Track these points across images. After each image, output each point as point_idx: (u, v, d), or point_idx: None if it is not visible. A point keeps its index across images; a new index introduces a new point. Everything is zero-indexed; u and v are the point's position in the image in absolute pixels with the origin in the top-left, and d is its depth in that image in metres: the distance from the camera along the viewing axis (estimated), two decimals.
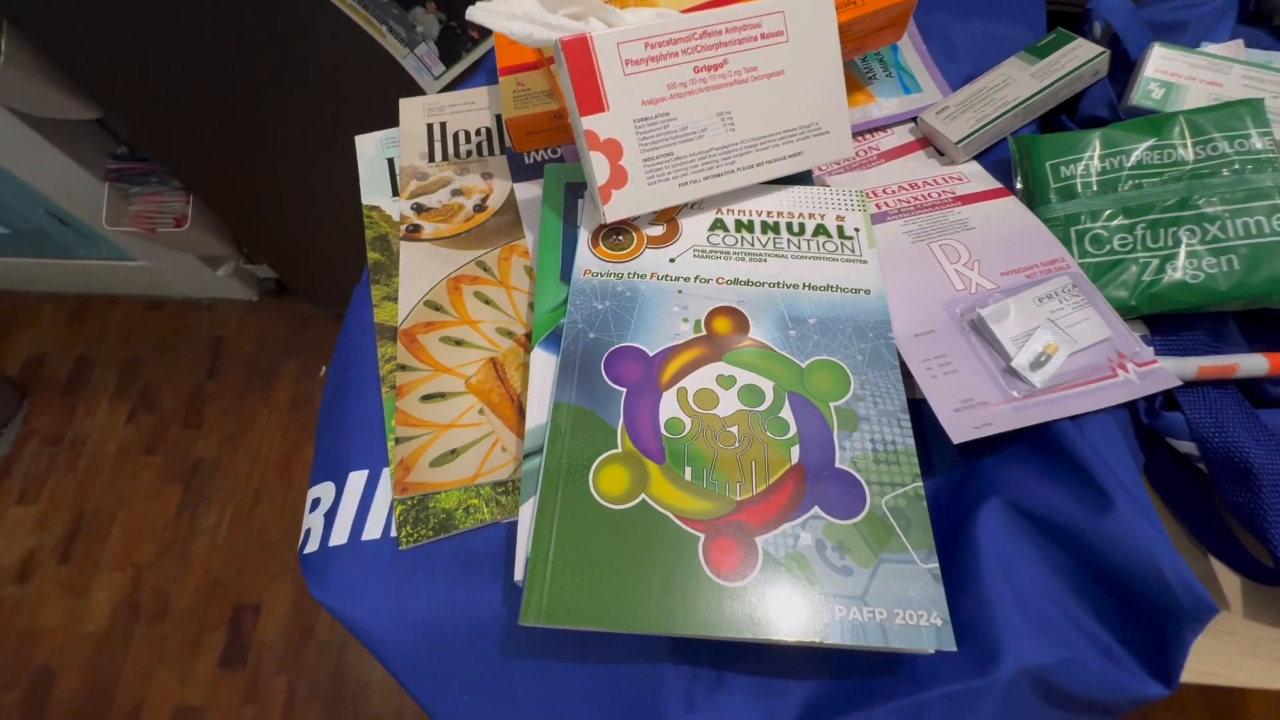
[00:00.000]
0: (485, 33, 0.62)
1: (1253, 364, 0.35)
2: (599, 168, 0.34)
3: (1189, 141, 0.37)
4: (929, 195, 0.41)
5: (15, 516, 1.18)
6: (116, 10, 0.63)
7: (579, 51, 0.33)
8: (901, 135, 0.45)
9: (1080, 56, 0.41)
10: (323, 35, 0.64)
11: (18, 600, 1.10)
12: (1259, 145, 0.36)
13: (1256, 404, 0.36)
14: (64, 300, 1.38)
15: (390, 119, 0.56)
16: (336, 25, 0.62)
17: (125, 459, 1.23)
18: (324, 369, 1.32)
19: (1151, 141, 0.37)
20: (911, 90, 0.46)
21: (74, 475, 1.21)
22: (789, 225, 0.37)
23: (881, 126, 0.45)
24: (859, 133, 0.45)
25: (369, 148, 0.47)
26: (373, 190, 0.45)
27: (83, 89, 0.76)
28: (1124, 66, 0.43)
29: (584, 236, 0.36)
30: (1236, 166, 0.36)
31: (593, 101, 0.33)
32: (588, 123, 0.33)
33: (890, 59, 0.47)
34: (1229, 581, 0.35)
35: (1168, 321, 0.37)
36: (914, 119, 0.45)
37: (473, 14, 0.37)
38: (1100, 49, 0.40)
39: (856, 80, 0.46)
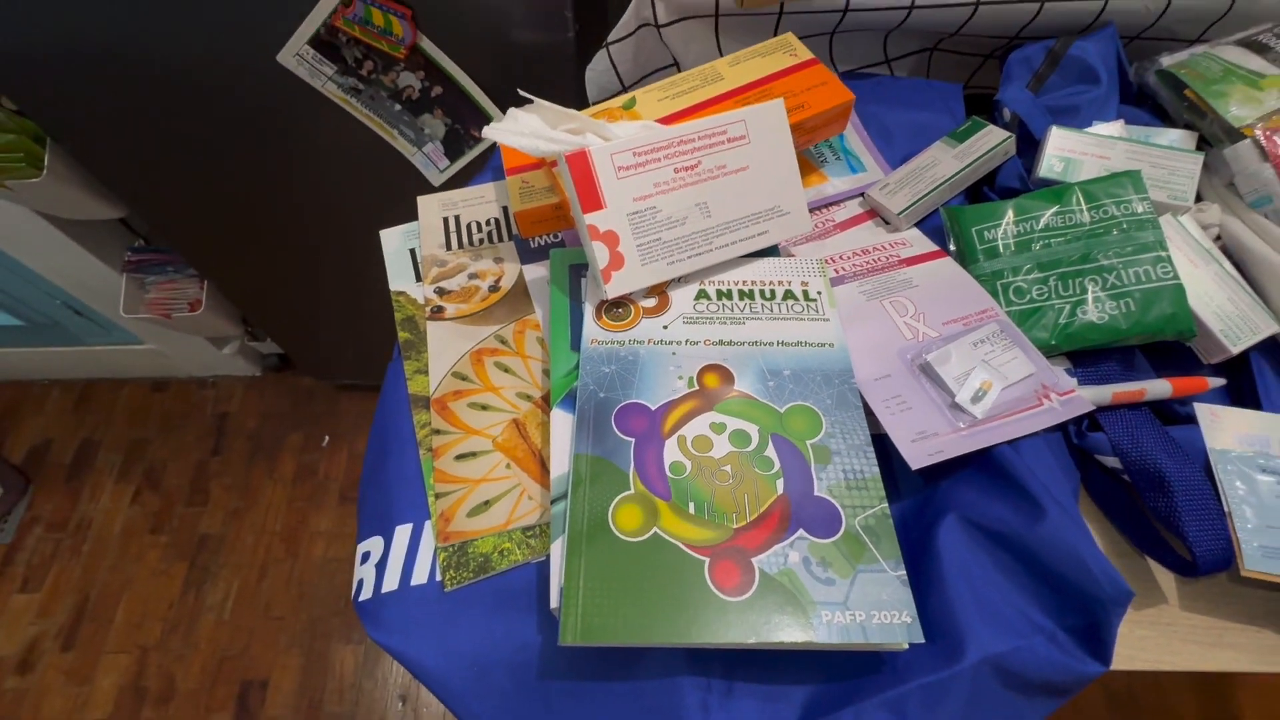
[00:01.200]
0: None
1: (1158, 388, 0.41)
2: (600, 254, 0.41)
3: (1085, 207, 0.44)
4: (878, 259, 0.48)
5: (18, 605, 1.18)
6: (147, 122, 0.70)
7: (580, 163, 0.40)
8: (852, 208, 0.53)
9: (991, 140, 0.49)
10: (340, 137, 0.72)
11: (20, 692, 1.09)
12: (1140, 208, 0.43)
13: (1166, 421, 0.42)
14: (71, 385, 1.41)
15: (397, 206, 0.63)
16: (353, 129, 0.70)
17: (130, 540, 1.24)
18: (326, 439, 1.35)
19: (1055, 208, 0.45)
20: (857, 170, 0.54)
21: (78, 560, 1.22)
22: (762, 292, 0.44)
23: (835, 201, 0.53)
24: (816, 208, 0.53)
25: (393, 240, 0.54)
26: (399, 277, 0.51)
27: (112, 194, 0.83)
28: (1031, 144, 0.51)
29: (589, 310, 0.43)
30: (1124, 226, 0.43)
31: (593, 201, 0.40)
32: (589, 219, 0.40)
33: (838, 145, 0.55)
34: (1165, 579, 0.40)
35: (1086, 355, 0.44)
36: (862, 194, 0.53)
37: (488, 132, 0.44)
38: (1007, 134, 0.49)
39: (811, 164, 0.54)
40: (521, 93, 0.44)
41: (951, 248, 0.48)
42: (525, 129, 0.43)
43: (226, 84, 0.65)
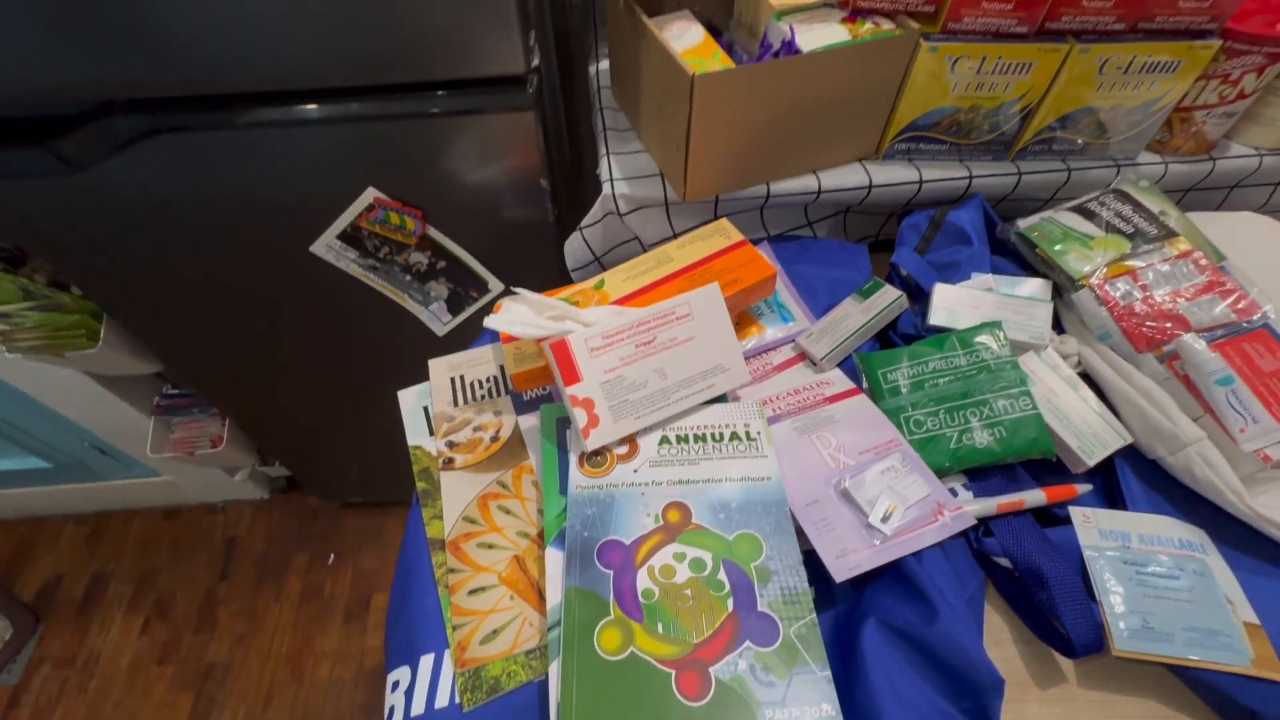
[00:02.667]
0: (483, 291, 0.83)
1: (1034, 497, 0.51)
2: (579, 417, 0.51)
3: (961, 352, 0.56)
4: (807, 398, 0.59)
5: None
6: (194, 298, 0.83)
7: (560, 349, 0.51)
8: (786, 352, 0.64)
9: (888, 298, 0.61)
10: (357, 298, 0.84)
11: None
12: (1002, 353, 0.55)
13: (1049, 523, 0.52)
14: (85, 519, 1.47)
15: (405, 351, 0.73)
16: (368, 292, 0.82)
17: (137, 673, 1.26)
18: (331, 557, 1.41)
19: (939, 354, 0.56)
20: (788, 320, 0.66)
21: (84, 697, 1.23)
22: (713, 435, 0.54)
23: (773, 347, 0.65)
24: (757, 354, 0.64)
25: (409, 399, 0.64)
26: (415, 433, 0.61)
27: (154, 356, 0.94)
28: (923, 295, 0.64)
29: (573, 460, 0.53)
30: (992, 367, 0.55)
31: (572, 377, 0.51)
32: (569, 390, 0.51)
33: (773, 300, 0.68)
34: (1066, 660, 0.49)
35: (978, 471, 0.54)
36: (793, 341, 0.64)
37: (489, 322, 0.56)
38: (898, 293, 0.61)
39: (751, 318, 0.66)
40: (511, 289, 0.56)
41: (865, 386, 0.59)
42: (517, 319, 0.55)
43: (266, 267, 0.78)
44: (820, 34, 0.60)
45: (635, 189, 0.67)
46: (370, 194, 0.68)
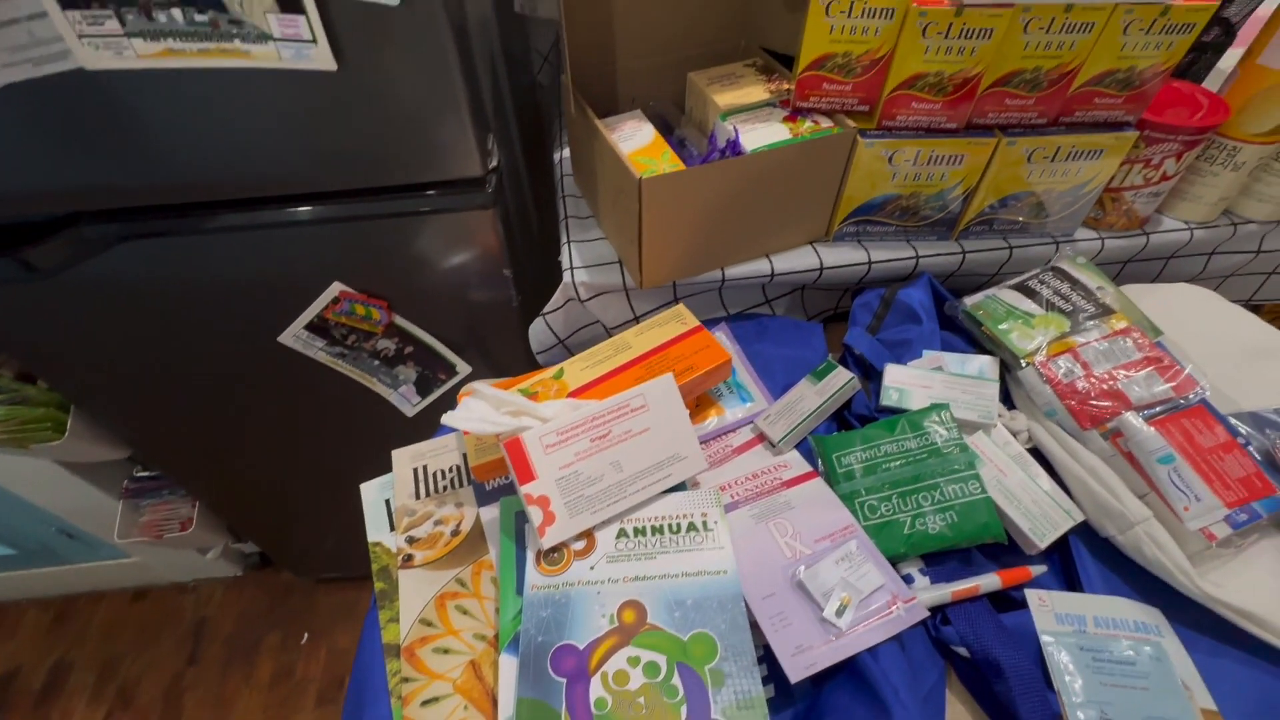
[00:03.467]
0: (451, 374, 0.84)
1: (989, 582, 0.52)
2: (535, 515, 0.52)
3: (911, 435, 0.57)
4: (765, 483, 0.59)
5: None
6: (162, 387, 0.83)
7: (515, 447, 0.52)
8: (745, 434, 0.65)
9: (841, 380, 0.63)
10: (326, 383, 0.85)
11: None
12: (950, 435, 0.56)
13: (1007, 607, 0.52)
14: (48, 604, 1.42)
15: (375, 430, 0.73)
16: (337, 376, 0.83)
17: None
18: (305, 636, 1.36)
19: (890, 438, 0.58)
20: (747, 401, 0.67)
21: None
22: (670, 526, 0.55)
23: (732, 429, 0.66)
24: (717, 435, 0.65)
25: (371, 492, 0.64)
26: (376, 528, 0.61)
27: (122, 442, 0.93)
28: (876, 374, 0.65)
29: (530, 557, 0.53)
30: (942, 450, 0.56)
31: (526, 475, 0.52)
32: (525, 489, 0.52)
33: (732, 381, 0.69)
34: None
35: (933, 556, 0.54)
36: (752, 422, 0.66)
37: (446, 419, 0.56)
38: (850, 376, 0.63)
39: (711, 399, 0.68)
40: (470, 385, 0.57)
41: (820, 469, 0.60)
42: (474, 415, 0.55)
43: (234, 357, 0.79)
44: (763, 133, 0.64)
45: (594, 276, 0.69)
46: (335, 288, 0.70)
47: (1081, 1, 0.53)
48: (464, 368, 0.82)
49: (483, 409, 0.56)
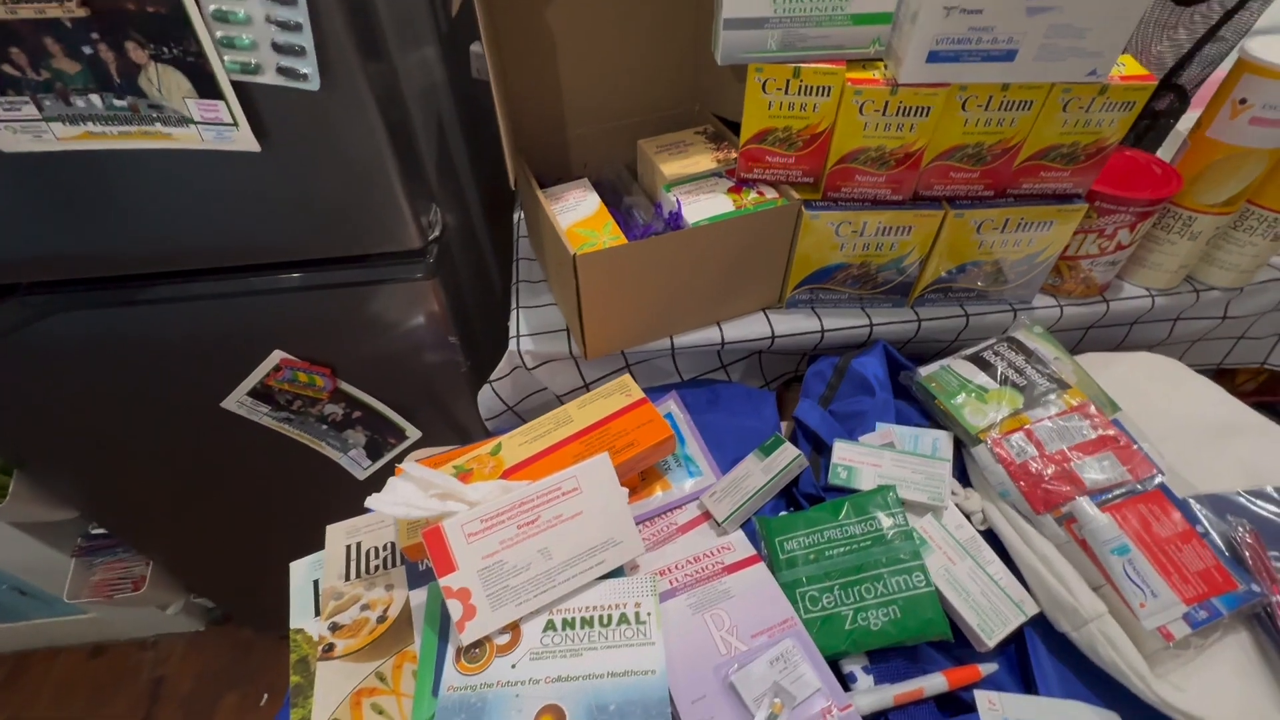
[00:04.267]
0: (401, 439, 0.82)
1: (935, 683, 0.49)
2: (454, 609, 0.49)
3: (855, 519, 0.55)
4: (706, 567, 0.57)
5: None
6: (106, 450, 0.81)
7: (434, 537, 0.50)
8: (691, 510, 0.63)
9: (787, 457, 0.61)
10: (275, 446, 0.83)
11: None
12: (896, 521, 0.54)
13: (957, 709, 0.49)
14: (2, 660, 1.38)
15: (328, 488, 0.70)
16: (286, 440, 0.81)
17: None
18: (265, 696, 1.32)
19: (834, 522, 0.55)
20: (695, 475, 0.65)
21: None
22: (600, 618, 0.52)
23: (678, 505, 0.63)
24: (662, 512, 0.63)
25: (300, 572, 0.62)
26: (300, 614, 0.58)
27: (69, 503, 0.91)
28: (828, 450, 0.63)
29: (450, 653, 0.50)
30: (887, 538, 0.53)
31: (446, 566, 0.49)
32: (444, 581, 0.49)
33: (680, 454, 0.67)
34: None
35: (878, 652, 0.51)
36: (699, 497, 0.63)
37: (370, 502, 0.54)
38: (796, 453, 0.61)
39: (658, 473, 0.65)
40: (397, 466, 0.55)
41: (764, 553, 0.57)
42: (400, 499, 0.53)
43: (179, 421, 0.77)
44: (706, 205, 0.63)
45: (541, 345, 0.68)
46: (277, 356, 0.68)
47: (1017, 81, 0.53)
48: (414, 432, 0.80)
49: (409, 491, 0.54)
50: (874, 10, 0.52)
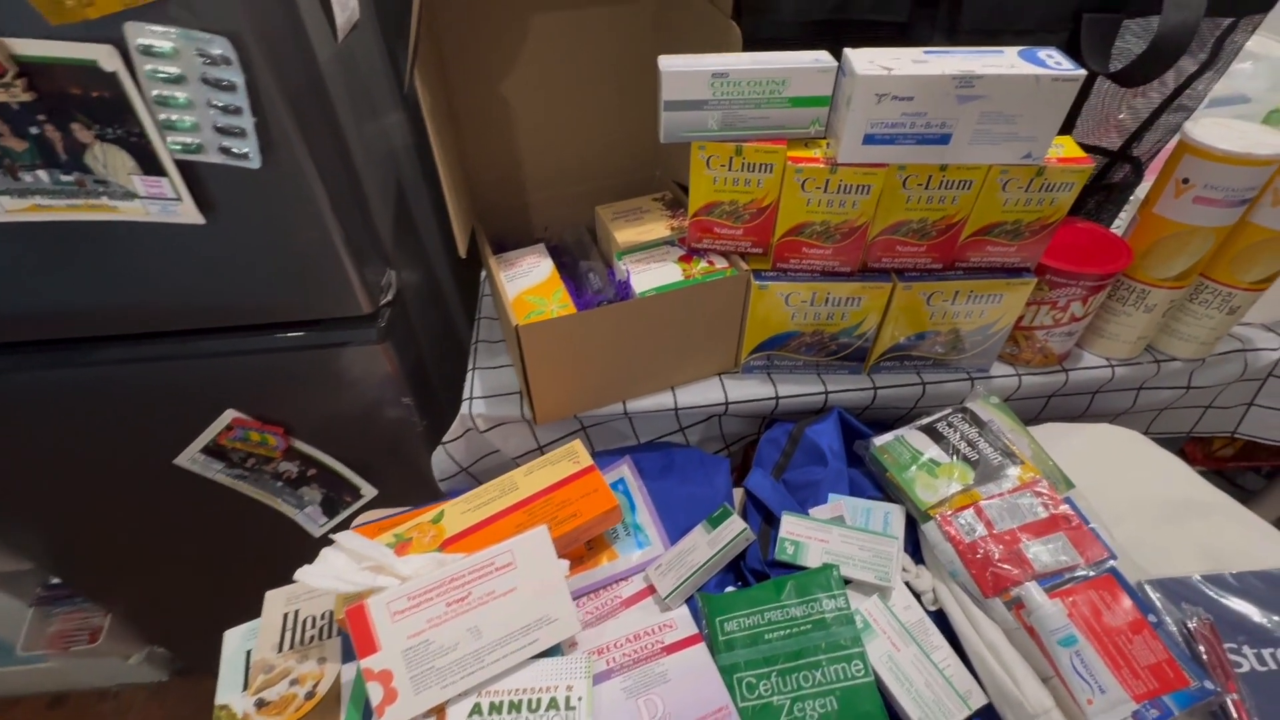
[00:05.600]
0: (356, 497, 0.81)
1: None
2: (374, 693, 0.47)
3: (796, 601, 0.53)
4: (646, 646, 0.55)
5: None
6: (58, 504, 0.80)
7: (357, 615, 0.48)
8: (637, 583, 0.61)
9: (733, 531, 0.60)
10: (231, 501, 0.82)
11: None
12: (837, 605, 0.52)
13: None
14: None
15: (286, 542, 0.68)
16: (241, 496, 0.80)
17: None
18: None
19: (776, 602, 0.54)
20: (644, 545, 0.64)
21: None
22: (529, 703, 0.50)
23: (624, 577, 0.62)
24: (608, 584, 0.61)
25: (233, 641, 0.60)
26: (227, 688, 0.56)
27: (23, 556, 0.90)
28: (778, 522, 0.62)
29: None
30: (827, 622, 0.52)
31: (368, 646, 0.48)
32: (364, 662, 0.48)
33: (630, 519, 0.66)
34: None
35: None
36: (645, 569, 0.62)
37: (299, 575, 0.53)
38: (742, 527, 0.59)
39: (605, 542, 0.64)
40: (331, 536, 0.55)
41: (705, 632, 0.55)
42: (330, 571, 0.52)
43: (133, 477, 0.76)
44: (656, 274, 0.63)
45: (493, 408, 0.68)
46: (229, 415, 0.68)
47: (954, 163, 0.54)
48: (370, 490, 0.79)
49: (341, 563, 0.53)
50: (811, 94, 0.53)
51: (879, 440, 0.66)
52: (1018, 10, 0.61)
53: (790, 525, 0.60)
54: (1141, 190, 0.76)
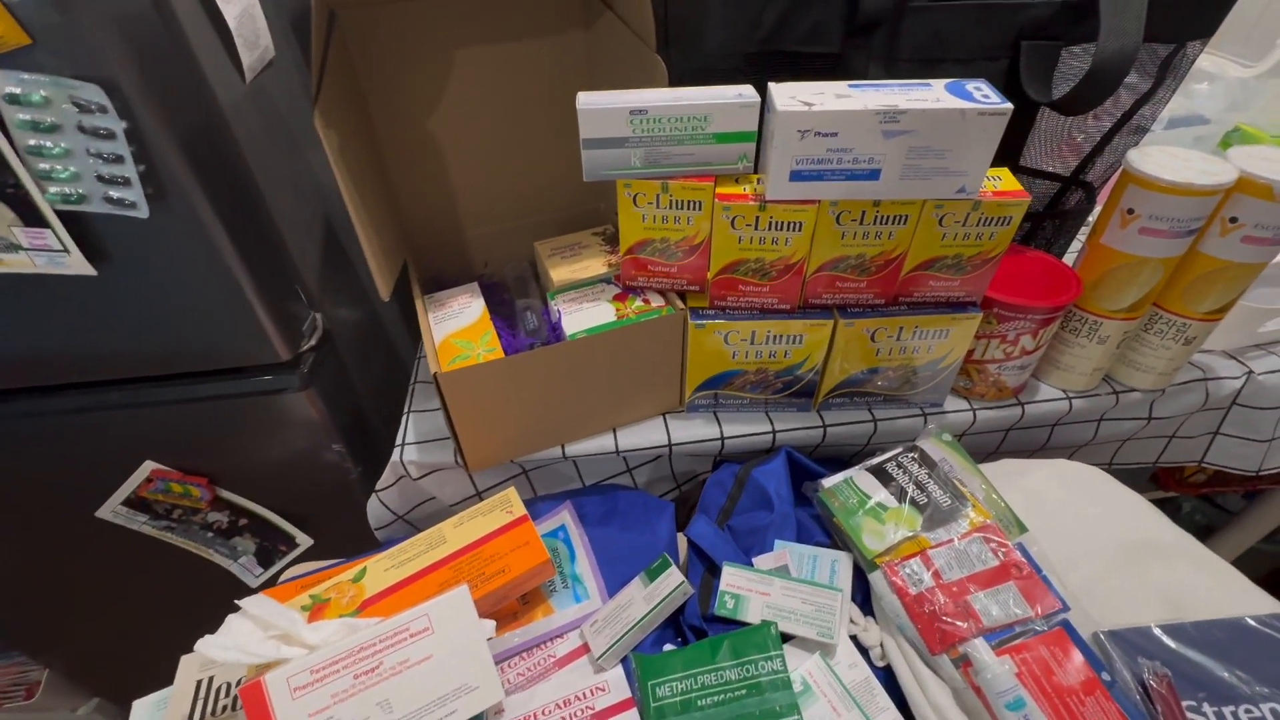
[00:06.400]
0: (292, 546, 0.78)
1: None
2: None
3: (731, 662, 0.50)
4: (575, 713, 0.51)
5: None
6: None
7: (253, 694, 0.45)
8: (573, 640, 0.58)
9: (670, 585, 0.56)
10: (161, 553, 0.78)
11: None
12: (774, 668, 0.49)
13: None
14: None
15: (227, 590, 0.64)
16: (172, 547, 0.77)
17: None
18: None
19: (711, 664, 0.50)
20: (582, 598, 0.61)
21: None
22: None
23: (559, 634, 0.59)
24: (542, 642, 0.58)
25: (141, 713, 0.56)
26: None
27: None
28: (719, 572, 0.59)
29: None
30: (762, 686, 0.49)
31: None
32: None
33: (568, 570, 0.63)
34: None
35: None
36: (581, 625, 0.58)
37: (199, 646, 0.50)
38: (679, 581, 0.56)
39: (542, 595, 0.61)
40: (238, 602, 0.51)
41: (638, 696, 0.52)
42: (232, 642, 0.49)
43: (59, 530, 0.73)
44: (589, 314, 0.61)
45: (426, 454, 0.65)
46: (147, 467, 0.65)
47: (886, 198, 0.52)
48: (305, 539, 0.76)
49: (245, 632, 0.50)
50: (736, 129, 0.51)
51: (827, 482, 0.63)
52: (957, 38, 0.60)
53: (731, 577, 0.57)
54: (1096, 216, 0.74)
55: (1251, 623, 0.51)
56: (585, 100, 0.50)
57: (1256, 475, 0.79)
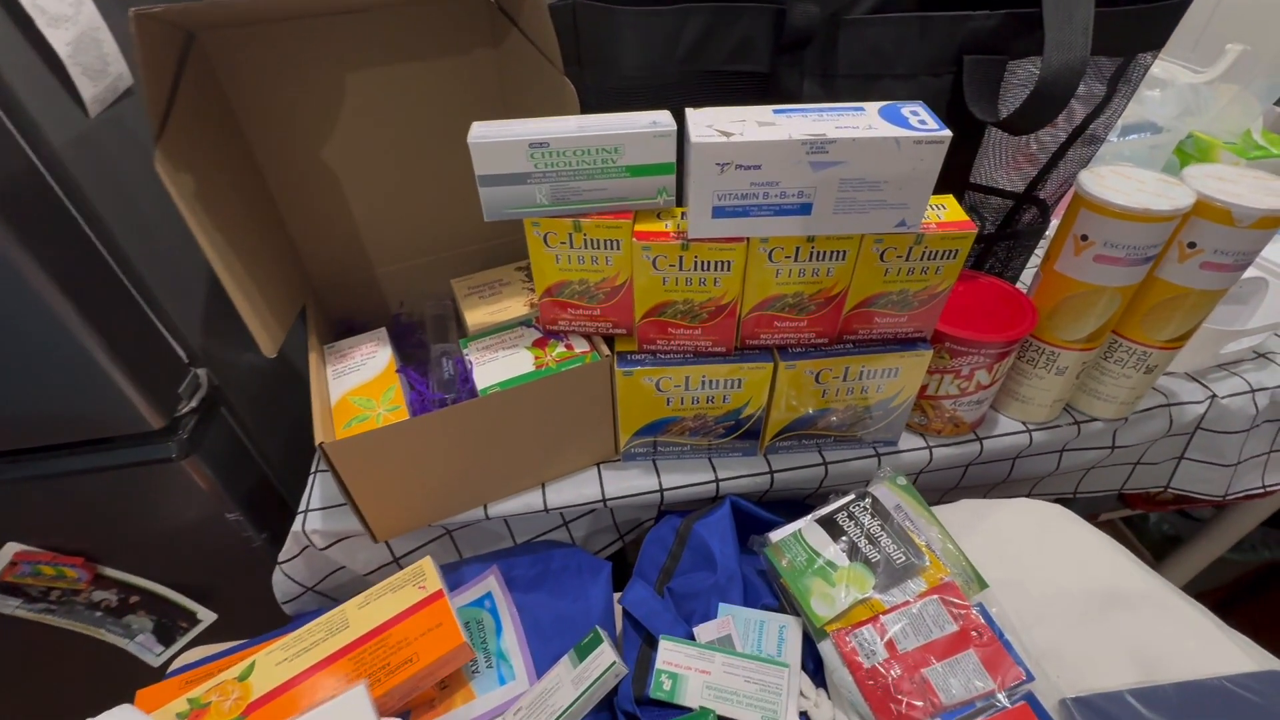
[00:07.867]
0: (193, 622, 0.70)
1: None
2: None
3: None
4: None
5: None
6: None
7: None
8: None
9: (602, 665, 0.51)
10: (47, 634, 0.70)
11: None
12: None
13: None
14: None
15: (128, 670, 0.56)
16: (62, 632, 0.69)
17: None
18: None
19: None
20: (507, 680, 0.54)
21: None
22: None
23: None
24: None
25: None
26: None
27: None
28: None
29: None
30: None
31: None
32: None
33: (493, 645, 0.57)
34: None
35: None
36: (505, 713, 0.52)
37: None
38: (612, 660, 0.50)
39: (463, 678, 0.55)
40: (105, 715, 0.44)
41: None
42: None
43: None
44: (503, 365, 0.55)
45: (331, 522, 0.58)
46: (10, 550, 0.57)
47: (820, 233, 0.47)
48: (207, 614, 0.68)
49: None
50: (652, 161, 0.46)
51: (774, 536, 0.58)
52: (896, 53, 0.55)
53: (668, 654, 0.51)
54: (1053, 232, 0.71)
55: (1230, 685, 0.47)
56: (478, 132, 0.44)
57: (1223, 499, 0.76)
